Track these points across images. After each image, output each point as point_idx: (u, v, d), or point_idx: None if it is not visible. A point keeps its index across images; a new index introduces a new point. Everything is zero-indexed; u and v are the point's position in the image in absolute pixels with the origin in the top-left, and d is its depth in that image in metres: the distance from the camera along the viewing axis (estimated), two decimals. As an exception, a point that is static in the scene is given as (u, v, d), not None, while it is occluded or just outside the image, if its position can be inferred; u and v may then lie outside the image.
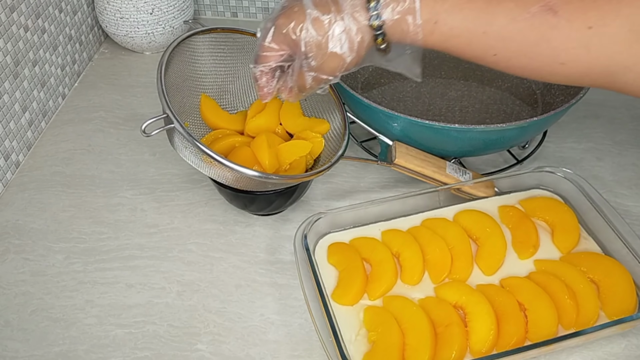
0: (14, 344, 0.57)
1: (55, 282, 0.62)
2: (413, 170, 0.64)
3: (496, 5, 0.46)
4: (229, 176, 0.57)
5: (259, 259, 0.64)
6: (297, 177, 0.60)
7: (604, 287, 0.56)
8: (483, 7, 0.46)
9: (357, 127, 0.75)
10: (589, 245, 0.61)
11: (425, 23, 0.47)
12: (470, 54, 0.49)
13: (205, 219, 0.68)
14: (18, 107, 0.75)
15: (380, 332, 0.53)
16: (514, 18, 0.46)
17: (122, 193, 0.72)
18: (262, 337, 0.57)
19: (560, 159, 0.74)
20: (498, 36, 0.47)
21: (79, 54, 0.90)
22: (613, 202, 0.68)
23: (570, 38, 0.45)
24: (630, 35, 0.44)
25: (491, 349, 0.52)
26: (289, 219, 0.68)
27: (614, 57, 0.45)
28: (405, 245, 0.60)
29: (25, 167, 0.76)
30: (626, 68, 0.46)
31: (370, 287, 0.57)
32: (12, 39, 0.73)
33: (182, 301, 0.60)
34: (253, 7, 1.00)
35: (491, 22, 0.46)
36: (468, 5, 0.47)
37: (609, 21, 0.44)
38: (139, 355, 0.56)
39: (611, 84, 0.48)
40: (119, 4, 0.87)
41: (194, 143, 0.55)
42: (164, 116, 0.56)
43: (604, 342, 0.56)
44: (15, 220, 0.69)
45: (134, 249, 0.65)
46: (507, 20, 0.46)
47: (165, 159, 0.76)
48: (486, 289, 0.57)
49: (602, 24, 0.44)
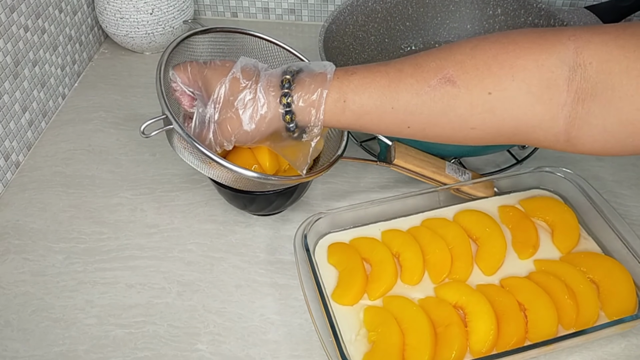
0: (14, 344, 0.57)
1: (55, 282, 0.62)
2: (412, 171, 0.64)
3: (397, 82, 0.49)
4: (228, 177, 0.57)
5: (259, 259, 0.64)
6: (296, 178, 0.60)
7: (604, 287, 0.56)
8: (385, 84, 0.49)
9: (357, 127, 0.75)
10: (589, 245, 0.61)
11: (335, 102, 0.50)
12: (385, 129, 0.51)
13: (205, 219, 0.68)
14: (18, 107, 0.75)
15: (380, 332, 0.53)
16: (416, 92, 0.48)
17: (122, 193, 0.72)
18: (262, 337, 0.57)
19: (560, 159, 0.74)
20: (406, 110, 0.49)
21: (79, 54, 0.90)
22: (613, 202, 0.68)
23: (473, 104, 0.47)
24: (529, 96, 0.46)
25: (491, 349, 0.52)
26: (289, 219, 0.68)
27: (519, 117, 0.47)
28: (405, 246, 0.60)
29: (25, 167, 0.76)
30: (534, 127, 0.47)
31: (370, 287, 0.57)
32: (12, 39, 0.73)
33: (182, 301, 0.60)
34: (253, 7, 1.00)
35: (396, 98, 0.49)
36: (372, 84, 0.49)
37: (506, 85, 0.46)
38: (139, 355, 0.56)
39: (526, 141, 0.50)
40: (119, 4, 0.87)
41: (193, 144, 0.55)
42: (163, 117, 0.56)
43: (604, 342, 0.56)
44: (15, 220, 0.69)
45: (134, 249, 0.65)
46: (410, 95, 0.48)
47: (165, 159, 0.76)
48: (486, 289, 0.57)
49: (500, 89, 0.46)
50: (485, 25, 0.81)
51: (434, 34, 0.84)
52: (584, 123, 0.46)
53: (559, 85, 0.45)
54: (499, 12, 0.80)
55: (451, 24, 0.83)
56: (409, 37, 0.84)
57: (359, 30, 0.79)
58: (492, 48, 0.47)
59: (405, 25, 0.83)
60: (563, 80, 0.45)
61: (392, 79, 0.49)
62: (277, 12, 1.01)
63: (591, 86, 0.44)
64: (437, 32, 0.84)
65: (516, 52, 0.46)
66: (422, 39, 0.84)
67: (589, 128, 0.46)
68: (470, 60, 0.47)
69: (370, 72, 0.50)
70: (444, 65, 0.48)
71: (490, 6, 0.80)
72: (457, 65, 0.47)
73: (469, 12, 0.82)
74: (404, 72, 0.49)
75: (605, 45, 0.44)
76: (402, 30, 0.83)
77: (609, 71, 0.44)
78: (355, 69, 0.51)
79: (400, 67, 0.49)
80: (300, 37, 0.97)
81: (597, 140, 0.46)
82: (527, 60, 0.46)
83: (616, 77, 0.43)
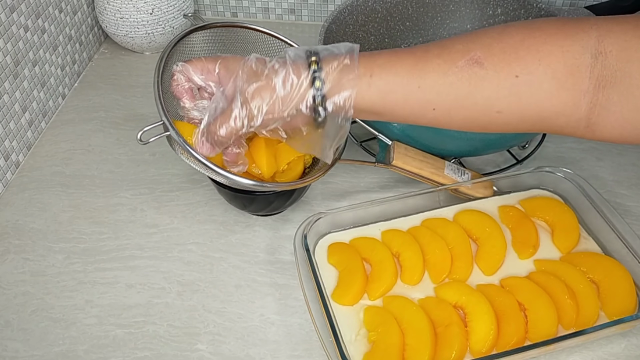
0: (14, 344, 0.57)
1: (55, 282, 0.62)
2: (411, 172, 0.64)
3: (424, 62, 0.49)
4: (226, 180, 0.58)
5: (258, 259, 0.64)
6: (292, 184, 0.60)
7: (604, 287, 0.56)
8: (412, 63, 0.49)
9: (357, 127, 0.75)
10: (589, 245, 0.61)
11: (362, 76, 0.49)
12: (409, 110, 0.50)
13: (205, 219, 0.68)
14: (18, 107, 0.75)
15: (380, 332, 0.53)
16: (444, 73, 0.48)
17: (122, 193, 0.72)
18: (262, 337, 0.57)
19: (560, 159, 0.74)
20: (432, 90, 0.49)
21: (79, 54, 0.90)
22: (613, 202, 0.68)
23: (500, 87, 0.48)
24: (554, 82, 0.47)
25: (491, 349, 0.52)
26: (289, 219, 0.68)
27: (544, 103, 0.48)
28: (405, 246, 0.60)
29: (25, 167, 0.76)
30: (557, 113, 0.48)
31: (370, 287, 0.57)
32: (12, 39, 0.73)
33: (182, 301, 0.60)
34: (253, 7, 1.00)
35: (423, 77, 0.48)
36: (399, 62, 0.49)
37: (532, 69, 0.47)
38: (139, 355, 0.56)
39: (548, 128, 0.50)
40: (119, 4, 0.87)
41: (189, 150, 0.55)
42: (160, 123, 0.56)
43: (604, 342, 0.56)
44: (15, 220, 0.69)
45: (134, 249, 0.65)
46: (437, 75, 0.48)
47: (165, 159, 0.76)
48: (486, 289, 0.57)
49: (526, 72, 0.47)
50: (485, 25, 0.81)
51: (434, 34, 0.84)
52: (604, 110, 0.46)
53: (582, 72, 0.46)
54: (499, 12, 0.80)
55: (451, 23, 0.83)
56: (409, 37, 0.84)
57: (359, 30, 0.79)
58: (519, 33, 0.48)
59: (405, 25, 0.83)
60: (585, 67, 0.46)
61: (419, 58, 0.49)
62: (277, 12, 1.01)
63: (611, 74, 0.45)
64: (437, 32, 0.84)
65: (542, 38, 0.47)
66: (422, 39, 0.84)
67: (607, 115, 0.46)
68: (498, 44, 0.48)
69: (395, 52, 0.50)
70: (471, 47, 0.48)
71: (490, 6, 0.80)
72: (485, 47, 0.48)
73: (469, 11, 0.82)
74: (431, 53, 0.49)
75: (624, 34, 0.45)
76: (402, 30, 0.83)
77: (627, 59, 0.44)
78: (380, 51, 0.50)
79: (426, 49, 0.49)
80: (300, 37, 0.97)
81: (615, 128, 0.47)
82: (553, 46, 0.46)
83: (634, 65, 0.44)
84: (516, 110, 0.48)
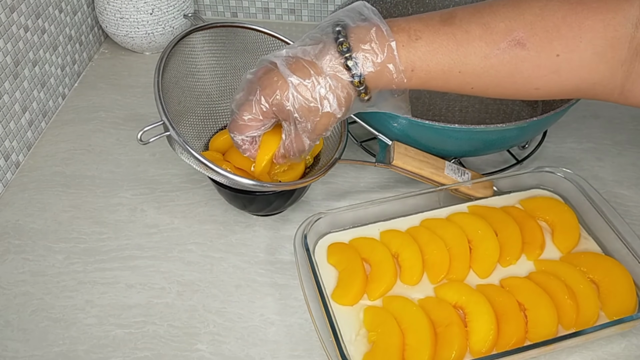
0: (14, 344, 0.57)
1: (55, 282, 0.62)
2: (410, 172, 0.64)
3: (466, 45, 0.48)
4: (226, 181, 0.58)
5: (259, 259, 0.64)
6: (292, 183, 0.60)
7: (604, 287, 0.56)
8: (454, 48, 0.48)
9: (357, 127, 0.75)
10: (589, 245, 0.61)
11: (404, 72, 0.49)
12: (448, 89, 0.52)
13: (205, 219, 0.68)
14: (18, 107, 0.75)
15: (380, 332, 0.53)
16: (485, 56, 0.48)
17: (122, 193, 0.72)
18: (262, 337, 0.57)
19: (560, 159, 0.74)
20: (473, 73, 0.49)
21: (79, 54, 0.90)
22: (613, 202, 0.68)
23: (540, 67, 0.48)
24: (594, 57, 0.47)
25: (491, 349, 0.52)
26: (289, 219, 0.68)
27: (582, 77, 0.48)
28: (404, 246, 0.60)
29: (25, 167, 0.76)
30: (595, 84, 0.49)
31: (370, 288, 0.57)
32: (12, 39, 0.73)
33: (182, 301, 0.60)
34: (253, 7, 1.00)
35: (464, 62, 0.49)
36: (440, 50, 0.49)
37: (573, 47, 0.47)
38: (139, 355, 0.56)
39: (584, 95, 0.51)
40: (119, 4, 0.87)
41: (189, 151, 0.55)
42: (160, 123, 0.56)
43: (604, 342, 0.56)
44: (15, 220, 0.69)
45: (134, 249, 0.65)
46: (479, 58, 0.48)
47: (165, 159, 0.76)
48: (486, 289, 0.57)
49: (568, 50, 0.47)
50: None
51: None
52: (639, 77, 0.47)
53: (622, 44, 0.46)
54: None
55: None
56: (409, 37, 0.84)
57: (359, 30, 0.79)
58: (561, 9, 0.47)
59: (405, 25, 0.83)
60: (626, 38, 0.46)
61: (461, 42, 0.48)
62: (277, 12, 1.01)
63: None
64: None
65: (584, 13, 0.47)
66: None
67: None
68: (540, 22, 0.47)
69: (436, 34, 0.49)
70: (514, 26, 0.47)
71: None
72: (527, 26, 0.47)
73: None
74: (472, 34, 0.48)
75: None
76: (402, 30, 0.83)
77: None
78: (418, 32, 0.49)
79: (467, 28, 0.48)
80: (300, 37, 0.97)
81: None
82: (594, 21, 0.46)
83: None
84: (555, 86, 0.49)
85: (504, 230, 0.61)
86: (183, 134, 0.58)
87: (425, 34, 0.49)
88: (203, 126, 0.68)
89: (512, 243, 0.60)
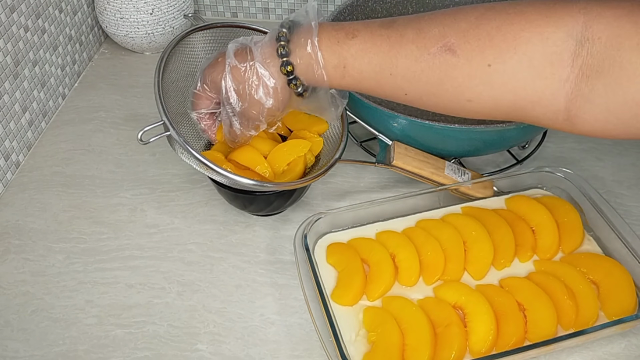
0: (14, 344, 0.57)
1: (55, 282, 0.62)
2: (411, 172, 0.64)
3: (398, 48, 0.48)
4: (226, 180, 0.58)
5: (259, 259, 0.64)
6: (292, 183, 0.60)
7: (604, 288, 0.56)
8: (386, 50, 0.48)
9: (357, 127, 0.75)
10: (589, 246, 0.61)
11: (335, 68, 0.50)
12: (383, 94, 0.52)
13: (205, 219, 0.68)
14: (18, 107, 0.75)
15: (380, 333, 0.53)
16: (416, 59, 0.48)
17: (122, 193, 0.72)
18: (262, 337, 0.57)
19: (560, 159, 0.74)
20: (404, 77, 0.49)
21: (79, 54, 0.90)
22: (613, 202, 0.68)
23: (471, 76, 0.47)
24: (530, 70, 0.45)
25: (491, 349, 0.52)
26: (289, 219, 0.68)
27: (518, 92, 0.46)
28: (400, 247, 0.60)
29: (25, 167, 0.76)
30: (533, 103, 0.46)
31: (369, 288, 0.57)
32: (12, 39, 0.73)
33: (182, 301, 0.60)
34: (253, 7, 1.00)
35: (395, 64, 0.48)
36: (373, 50, 0.49)
37: (507, 58, 0.45)
38: (139, 355, 0.56)
39: (524, 118, 0.49)
40: (119, 4, 0.87)
41: (189, 151, 0.55)
42: (160, 123, 0.56)
43: (604, 342, 0.56)
44: (15, 220, 0.69)
45: (134, 249, 0.65)
46: (409, 62, 0.48)
47: (165, 159, 0.76)
48: (485, 289, 0.57)
49: (500, 61, 0.45)
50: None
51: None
52: (586, 101, 0.44)
53: (563, 60, 0.44)
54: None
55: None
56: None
57: (359, 30, 0.79)
58: (497, 18, 0.46)
59: (405, 25, 0.83)
60: (568, 55, 0.44)
61: (393, 44, 0.48)
62: (277, 12, 1.01)
63: (598, 62, 0.43)
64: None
65: (521, 24, 0.45)
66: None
67: (591, 107, 0.44)
68: (474, 30, 0.46)
69: (371, 35, 0.49)
70: (447, 32, 0.47)
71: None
72: (460, 34, 0.46)
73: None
74: (406, 38, 0.48)
75: (617, 19, 0.42)
76: (402, 30, 0.83)
77: (618, 47, 0.42)
78: (356, 31, 0.50)
79: (402, 32, 0.48)
80: (300, 37, 0.97)
81: (598, 120, 0.44)
82: (532, 33, 0.44)
83: (626, 53, 0.41)
84: (487, 99, 0.47)
85: (496, 231, 0.61)
86: (183, 133, 0.58)
87: (362, 33, 0.49)
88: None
89: (506, 245, 0.60)
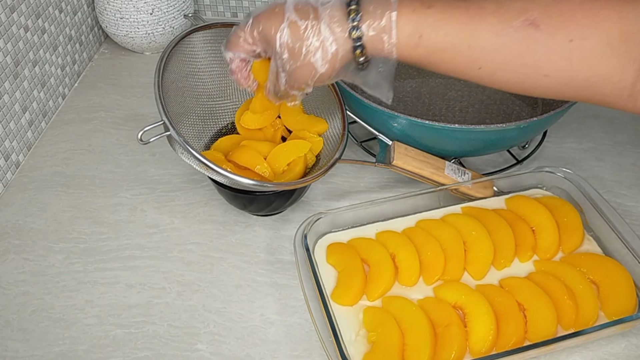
0: (14, 344, 0.57)
1: (55, 282, 0.62)
2: (411, 172, 0.64)
3: (479, 20, 0.47)
4: (225, 180, 0.58)
5: (259, 259, 0.64)
6: (292, 184, 0.60)
7: (604, 288, 0.56)
8: (466, 21, 0.47)
9: (357, 127, 0.75)
10: (589, 245, 0.61)
11: (410, 37, 0.48)
12: (454, 67, 0.50)
13: (205, 219, 0.68)
14: (18, 107, 0.75)
15: (380, 333, 0.53)
16: (497, 32, 0.47)
17: (122, 193, 0.72)
18: (262, 337, 0.57)
19: (560, 159, 0.74)
20: (482, 50, 0.48)
21: (79, 54, 0.90)
22: (613, 202, 0.68)
23: (552, 51, 0.47)
24: (607, 49, 0.46)
25: (491, 349, 0.52)
26: (289, 219, 0.68)
27: (594, 68, 0.47)
28: (400, 247, 0.60)
29: (25, 167, 0.76)
30: (605, 79, 0.47)
31: (369, 288, 0.57)
32: (12, 39, 0.73)
33: (182, 301, 0.60)
34: (253, 7, 1.00)
35: (475, 36, 0.47)
36: (451, 21, 0.47)
37: (588, 34, 0.46)
38: (139, 355, 0.56)
39: (591, 95, 0.49)
40: (119, 4, 0.87)
41: (189, 151, 0.55)
42: (160, 123, 0.56)
43: (604, 342, 0.56)
44: (15, 220, 0.69)
45: (134, 249, 0.65)
46: (490, 34, 0.47)
47: (165, 159, 0.76)
48: (485, 289, 0.57)
49: (581, 37, 0.46)
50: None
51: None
52: None
53: (636, 39, 0.45)
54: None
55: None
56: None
57: (359, 30, 0.79)
58: None
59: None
60: None
61: (473, 16, 0.47)
62: (277, 12, 1.00)
63: None
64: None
65: (601, 2, 0.46)
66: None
67: None
68: (557, 5, 0.46)
69: (448, 6, 0.48)
70: (529, 7, 0.47)
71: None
72: (543, 8, 0.46)
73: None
74: (486, 10, 0.47)
75: None
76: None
77: None
78: (433, 1, 0.48)
79: (481, 4, 0.48)
80: (300, 37, 0.97)
81: None
82: (610, 11, 0.45)
83: None
84: (564, 75, 0.48)
85: (496, 231, 0.61)
86: (183, 133, 0.58)
87: (438, 3, 0.48)
88: (203, 126, 0.68)
89: (506, 245, 0.60)
